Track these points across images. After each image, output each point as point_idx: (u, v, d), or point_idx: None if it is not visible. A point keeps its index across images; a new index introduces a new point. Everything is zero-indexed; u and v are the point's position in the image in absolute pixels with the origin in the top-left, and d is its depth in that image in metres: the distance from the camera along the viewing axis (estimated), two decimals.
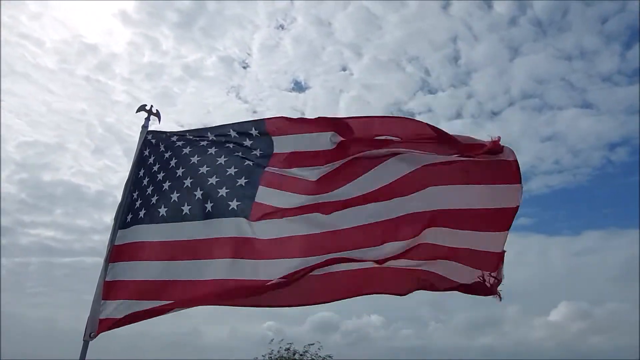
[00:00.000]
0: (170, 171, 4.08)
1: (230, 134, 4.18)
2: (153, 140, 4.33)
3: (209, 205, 3.82)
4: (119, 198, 4.16)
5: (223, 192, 3.83)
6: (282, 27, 48.76)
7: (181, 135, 4.31)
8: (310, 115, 4.18)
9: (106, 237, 3.99)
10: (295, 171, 3.91)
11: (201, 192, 3.88)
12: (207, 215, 3.80)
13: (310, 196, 3.79)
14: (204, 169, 3.97)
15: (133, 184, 4.19)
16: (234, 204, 3.77)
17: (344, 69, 50.72)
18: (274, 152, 4.04)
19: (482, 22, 46.90)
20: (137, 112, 4.46)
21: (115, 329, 3.73)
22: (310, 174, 3.89)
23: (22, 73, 40.88)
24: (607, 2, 43.55)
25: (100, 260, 3.92)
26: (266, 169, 3.95)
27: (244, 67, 49.47)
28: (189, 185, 3.94)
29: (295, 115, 4.52)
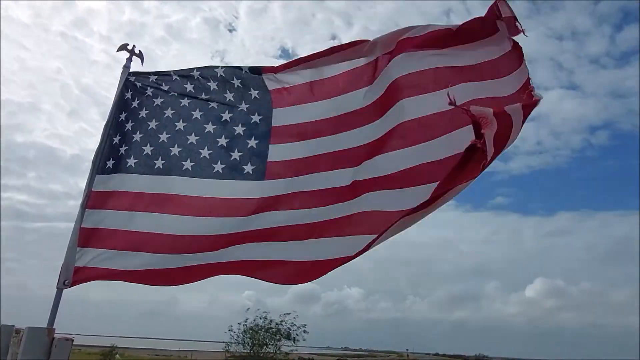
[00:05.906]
0: (168, 121, 3.88)
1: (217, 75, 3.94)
2: (137, 83, 4.03)
3: (218, 167, 3.68)
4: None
5: (236, 155, 3.70)
6: None
7: (166, 75, 4.03)
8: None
9: None
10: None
11: (209, 152, 3.73)
12: (215, 176, 3.66)
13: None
14: (210, 127, 3.80)
15: (112, 127, 3.87)
16: (248, 168, 3.65)
17: (334, 38, 50.72)
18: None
19: None
20: (117, 51, 4.11)
21: (94, 296, 3.51)
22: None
23: None
24: None
25: None
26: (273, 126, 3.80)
27: (230, 31, 48.20)
28: (194, 142, 3.77)
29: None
